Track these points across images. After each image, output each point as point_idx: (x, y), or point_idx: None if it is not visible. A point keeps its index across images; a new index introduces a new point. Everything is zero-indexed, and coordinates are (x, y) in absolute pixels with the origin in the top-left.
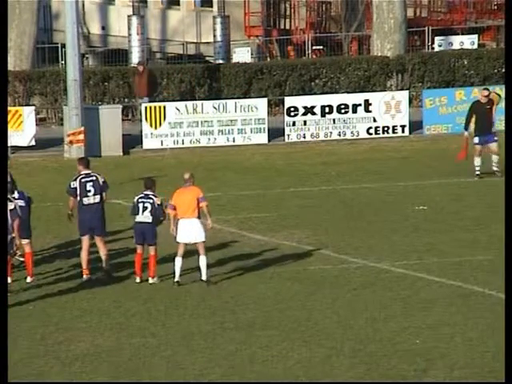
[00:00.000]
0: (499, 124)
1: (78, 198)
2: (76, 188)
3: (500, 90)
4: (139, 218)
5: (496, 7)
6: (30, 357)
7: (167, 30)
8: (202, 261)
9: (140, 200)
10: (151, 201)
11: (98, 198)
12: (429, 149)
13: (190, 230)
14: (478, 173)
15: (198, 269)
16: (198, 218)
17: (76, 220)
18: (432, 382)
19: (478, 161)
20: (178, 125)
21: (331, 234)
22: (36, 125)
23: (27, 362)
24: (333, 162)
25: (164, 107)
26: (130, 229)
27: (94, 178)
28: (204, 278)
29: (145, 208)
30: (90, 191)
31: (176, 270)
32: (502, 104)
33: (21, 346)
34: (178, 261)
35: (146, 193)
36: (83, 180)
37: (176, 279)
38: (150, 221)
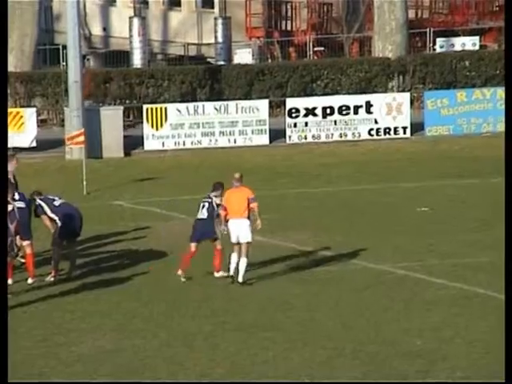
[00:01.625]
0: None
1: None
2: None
3: None
4: (198, 215)
5: (497, 8)
6: (31, 358)
7: (168, 31)
8: (242, 263)
9: (202, 200)
10: (210, 200)
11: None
12: (430, 150)
13: (238, 230)
14: None
15: (236, 269)
16: (248, 218)
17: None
18: (433, 382)
19: None
20: (180, 126)
21: (333, 236)
22: (37, 126)
23: (28, 363)
24: (334, 164)
25: (165, 108)
26: (132, 230)
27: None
28: (240, 280)
29: (203, 206)
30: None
31: (230, 267)
32: (502, 105)
33: (22, 347)
34: (232, 258)
35: (209, 194)
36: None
37: (232, 273)
38: (205, 217)
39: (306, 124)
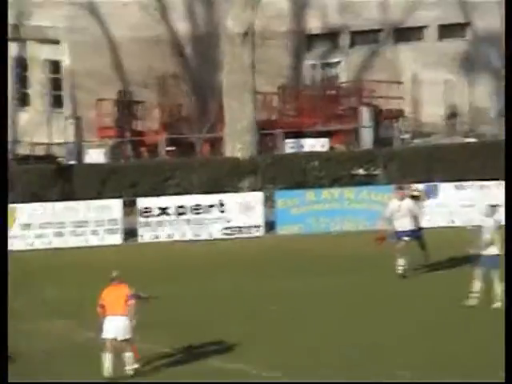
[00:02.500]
0: None
1: None
2: None
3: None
4: None
5: (342, 112)
6: None
7: (17, 131)
8: (129, 357)
9: None
10: None
11: None
12: (283, 248)
13: (117, 327)
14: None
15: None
16: (126, 315)
17: None
18: (433, 382)
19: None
20: (29, 227)
21: (177, 339)
22: None
23: None
24: (187, 263)
25: (13, 209)
26: None
27: None
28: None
29: None
30: None
31: (105, 365)
32: (350, 205)
33: None
34: (107, 357)
35: None
36: None
37: (107, 374)
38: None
39: (159, 223)
